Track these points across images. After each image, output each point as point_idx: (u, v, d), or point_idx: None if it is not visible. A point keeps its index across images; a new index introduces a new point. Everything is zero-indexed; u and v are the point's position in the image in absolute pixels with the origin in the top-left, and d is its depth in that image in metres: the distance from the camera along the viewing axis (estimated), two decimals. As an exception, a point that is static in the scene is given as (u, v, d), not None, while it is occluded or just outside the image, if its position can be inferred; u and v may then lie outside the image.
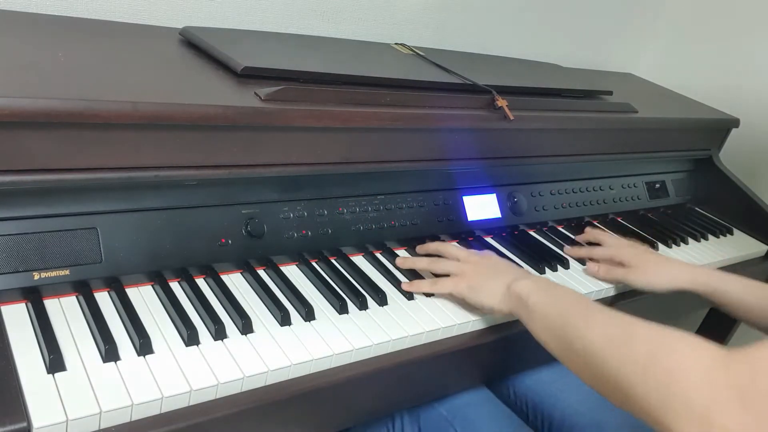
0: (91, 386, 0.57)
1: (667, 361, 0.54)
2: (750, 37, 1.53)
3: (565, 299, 0.72)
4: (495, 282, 0.80)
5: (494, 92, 0.97)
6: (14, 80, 0.65)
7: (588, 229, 1.10)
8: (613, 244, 1.04)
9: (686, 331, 0.57)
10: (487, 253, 0.90)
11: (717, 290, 0.95)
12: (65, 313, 0.65)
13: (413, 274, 0.88)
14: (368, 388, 0.74)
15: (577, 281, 0.98)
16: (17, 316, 0.62)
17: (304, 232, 0.83)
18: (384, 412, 0.87)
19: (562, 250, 1.06)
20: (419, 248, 0.93)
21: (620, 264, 0.99)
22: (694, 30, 1.66)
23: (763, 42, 1.51)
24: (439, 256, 0.90)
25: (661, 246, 1.18)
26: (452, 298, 0.84)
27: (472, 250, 0.89)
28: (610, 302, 0.99)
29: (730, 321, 1.40)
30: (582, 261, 1.05)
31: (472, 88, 0.99)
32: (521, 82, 1.13)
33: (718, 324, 1.43)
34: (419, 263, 0.88)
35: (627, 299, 1.01)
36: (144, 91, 0.70)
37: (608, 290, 1.00)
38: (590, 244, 1.07)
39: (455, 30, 1.36)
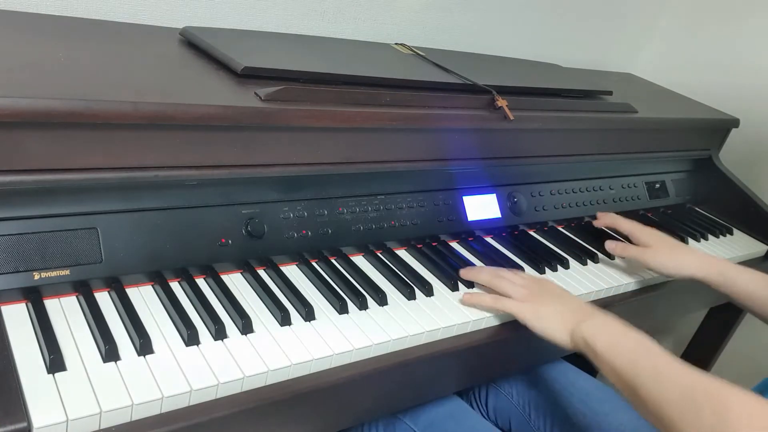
0: (92, 386, 0.57)
1: (734, 427, 0.55)
2: (750, 37, 1.53)
3: (633, 349, 0.70)
4: (561, 315, 0.79)
5: (494, 92, 0.97)
6: (14, 80, 0.65)
7: (600, 214, 1.13)
8: (634, 222, 1.07)
9: (745, 390, 0.58)
10: (544, 279, 0.89)
11: (727, 280, 0.96)
12: (65, 313, 0.65)
13: (419, 284, 0.87)
14: (368, 388, 0.74)
15: (576, 281, 0.98)
16: (17, 316, 0.62)
17: (304, 232, 0.83)
18: (384, 413, 0.87)
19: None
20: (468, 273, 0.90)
21: (638, 245, 1.03)
22: (694, 30, 1.66)
23: (763, 42, 1.51)
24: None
25: (661, 246, 1.18)
26: (453, 299, 0.84)
27: (530, 275, 0.88)
28: (614, 301, 0.99)
29: (729, 321, 1.41)
30: (594, 258, 1.06)
31: (472, 88, 0.99)
32: (521, 82, 1.13)
33: (718, 324, 1.43)
34: (483, 276, 0.87)
35: (636, 297, 1.02)
36: (144, 91, 0.70)
37: (616, 288, 1.00)
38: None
39: (455, 30, 1.36)
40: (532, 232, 1.11)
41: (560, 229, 1.15)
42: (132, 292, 0.70)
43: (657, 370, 0.65)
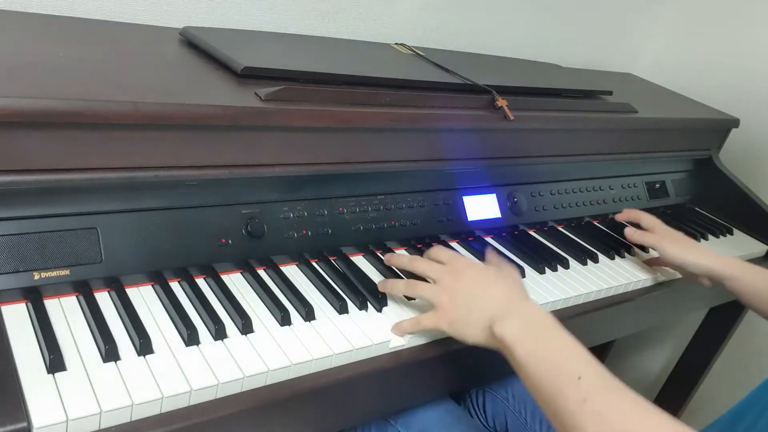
0: (92, 386, 0.57)
1: None
2: (750, 37, 1.53)
3: (556, 362, 0.62)
4: (475, 315, 0.71)
5: (494, 92, 0.97)
6: (14, 80, 0.65)
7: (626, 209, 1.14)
8: (656, 219, 1.08)
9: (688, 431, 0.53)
10: (462, 264, 0.78)
11: (739, 277, 0.97)
12: (65, 313, 0.65)
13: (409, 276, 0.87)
14: (369, 388, 0.74)
15: (576, 281, 0.98)
16: (17, 316, 0.62)
17: (304, 232, 0.83)
18: (384, 413, 0.87)
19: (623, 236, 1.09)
20: (388, 260, 0.86)
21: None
22: (694, 30, 1.66)
23: (763, 42, 1.51)
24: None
25: (661, 246, 1.18)
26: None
27: (446, 260, 0.79)
28: (615, 301, 0.99)
29: (729, 321, 1.41)
30: (594, 258, 1.06)
31: (472, 88, 0.99)
32: (521, 82, 1.13)
33: (718, 324, 1.43)
34: (400, 260, 0.83)
35: (636, 297, 1.02)
36: (144, 91, 0.70)
37: (616, 288, 1.00)
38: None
39: (455, 30, 1.36)
40: (532, 232, 1.11)
41: (560, 229, 1.15)
42: (132, 292, 0.70)
43: (586, 399, 0.56)
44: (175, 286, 0.73)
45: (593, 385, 0.58)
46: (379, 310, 0.78)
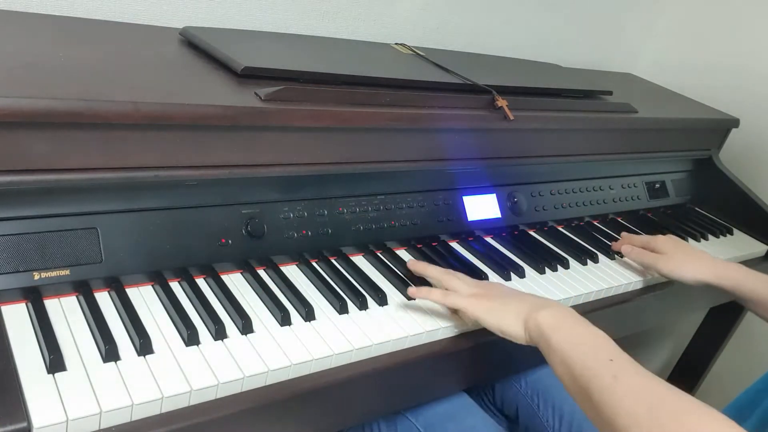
0: (92, 386, 0.57)
1: None
2: (750, 37, 1.53)
3: (591, 346, 0.67)
4: (514, 306, 0.76)
5: (494, 92, 0.97)
6: (14, 80, 0.65)
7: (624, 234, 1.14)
8: (650, 236, 1.09)
9: (716, 411, 0.55)
10: (495, 283, 0.86)
11: (740, 285, 0.97)
12: (65, 313, 0.65)
13: (420, 281, 0.86)
14: (368, 388, 0.74)
15: (576, 281, 0.98)
16: (17, 316, 0.62)
17: (304, 232, 0.83)
18: (384, 412, 0.87)
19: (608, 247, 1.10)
20: (416, 266, 0.87)
21: (653, 251, 1.04)
22: (694, 30, 1.66)
23: (763, 42, 1.51)
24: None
25: (661, 246, 1.18)
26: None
27: (473, 279, 0.84)
28: (615, 301, 0.99)
29: (729, 321, 1.41)
30: (594, 258, 1.06)
31: (472, 88, 0.99)
32: (521, 82, 1.13)
33: (718, 324, 1.43)
34: (432, 270, 0.84)
35: (636, 297, 1.02)
36: (144, 91, 0.70)
37: (617, 288, 1.00)
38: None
39: (455, 30, 1.36)
40: (532, 232, 1.11)
41: (560, 229, 1.15)
42: (132, 292, 0.70)
43: (617, 376, 0.61)
44: (175, 286, 0.73)
45: (624, 366, 0.63)
46: (380, 307, 0.78)
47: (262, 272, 0.79)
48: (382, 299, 0.80)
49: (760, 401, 0.74)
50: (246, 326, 0.69)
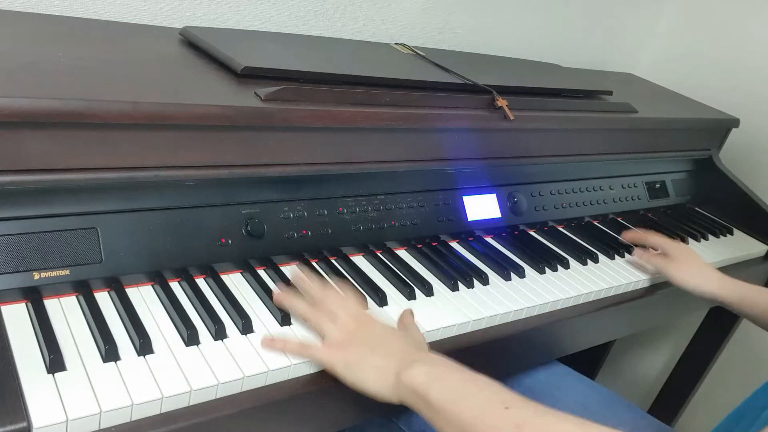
0: (91, 386, 0.57)
1: None
2: (750, 37, 1.53)
3: (480, 396, 0.59)
4: (377, 361, 0.65)
5: (494, 92, 0.97)
6: (14, 80, 0.65)
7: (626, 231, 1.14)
8: (664, 237, 1.10)
9: None
10: (369, 315, 0.71)
11: (745, 299, 0.98)
12: (65, 313, 0.65)
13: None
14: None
15: (576, 281, 0.98)
16: (17, 316, 0.62)
17: (304, 232, 0.83)
18: (384, 412, 0.87)
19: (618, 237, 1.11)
20: (294, 277, 0.76)
21: (664, 255, 1.05)
22: (695, 30, 1.66)
23: (764, 42, 1.51)
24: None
25: (661, 246, 1.18)
26: (453, 299, 0.85)
27: (350, 309, 0.70)
28: (615, 301, 0.99)
29: (729, 321, 1.41)
30: (594, 258, 1.06)
31: (472, 88, 0.99)
32: (521, 82, 1.13)
33: (718, 324, 1.43)
34: (296, 307, 0.71)
35: (637, 297, 1.02)
36: (144, 91, 0.70)
37: (617, 288, 1.00)
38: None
39: (455, 30, 1.36)
40: (532, 232, 1.11)
41: (560, 229, 1.15)
42: (132, 292, 0.70)
43: (521, 424, 0.54)
44: (175, 286, 0.73)
45: (523, 411, 0.56)
46: (380, 308, 0.78)
47: (262, 272, 0.79)
48: (382, 299, 0.80)
49: (761, 411, 0.74)
50: (246, 326, 0.69)
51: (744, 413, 0.77)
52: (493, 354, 0.86)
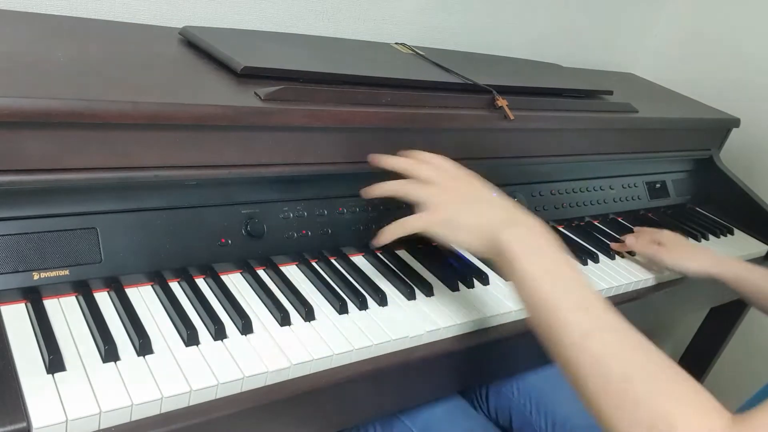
0: (91, 386, 0.57)
1: (670, 421, 0.46)
2: (750, 37, 1.53)
3: (566, 282, 0.58)
4: (474, 216, 0.65)
5: (494, 92, 0.97)
6: (14, 80, 0.65)
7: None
8: (651, 229, 1.10)
9: (696, 386, 0.50)
10: (468, 172, 0.72)
11: (740, 277, 0.99)
12: (65, 313, 0.65)
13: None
14: (368, 388, 0.74)
15: (577, 281, 0.98)
16: (17, 316, 0.62)
17: (304, 232, 0.83)
18: (384, 413, 0.86)
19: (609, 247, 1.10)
20: (379, 161, 0.76)
21: (658, 244, 1.05)
22: (695, 30, 1.66)
23: (764, 42, 1.51)
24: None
25: (661, 246, 1.18)
26: (453, 300, 0.84)
27: (450, 164, 0.72)
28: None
29: (729, 321, 1.41)
30: (594, 258, 1.06)
31: (473, 88, 0.99)
32: (521, 82, 1.13)
33: (718, 324, 1.43)
34: (385, 186, 0.73)
35: (637, 297, 1.02)
36: (144, 91, 0.70)
37: (617, 288, 0.99)
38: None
39: (455, 30, 1.36)
40: (532, 232, 1.11)
41: (560, 229, 1.15)
42: (131, 292, 0.70)
43: (589, 313, 0.53)
44: (174, 286, 0.73)
45: (597, 320, 0.54)
46: (382, 307, 0.78)
47: (261, 272, 0.79)
48: (382, 299, 0.80)
49: None
50: (246, 326, 0.69)
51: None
52: (494, 354, 0.86)
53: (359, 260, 0.88)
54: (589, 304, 0.55)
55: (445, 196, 0.68)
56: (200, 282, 0.74)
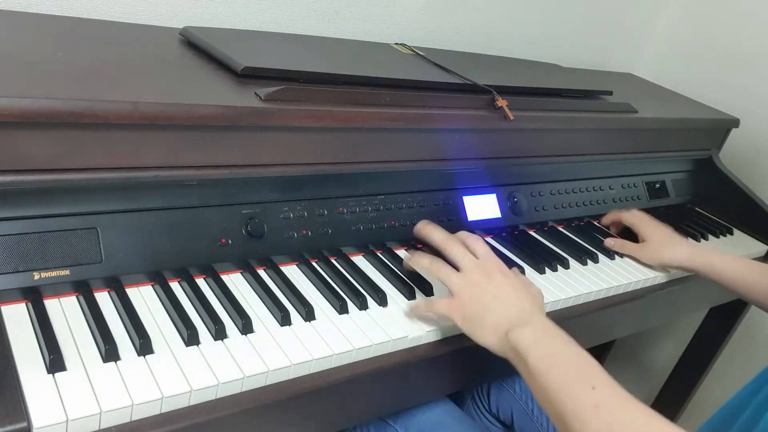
0: (91, 386, 0.57)
1: None
2: (751, 37, 1.53)
3: (570, 368, 0.63)
4: (493, 318, 0.71)
5: (494, 92, 0.97)
6: (14, 80, 0.65)
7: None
8: (637, 214, 1.13)
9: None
10: (495, 266, 0.77)
11: (714, 267, 1.00)
12: (65, 313, 0.65)
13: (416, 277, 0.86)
14: (369, 388, 0.74)
15: (576, 281, 0.98)
16: (17, 316, 0.62)
17: (304, 232, 0.83)
18: (384, 413, 0.87)
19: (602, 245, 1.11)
20: (422, 229, 0.84)
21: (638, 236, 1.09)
22: (695, 30, 1.66)
23: (764, 42, 1.51)
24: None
25: (661, 246, 1.18)
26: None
27: (481, 255, 0.78)
28: (615, 302, 0.99)
29: (729, 321, 1.41)
30: (594, 258, 1.06)
31: (472, 88, 0.99)
32: (521, 82, 1.13)
33: (718, 324, 1.43)
34: (421, 261, 0.80)
35: (636, 297, 1.03)
36: (144, 91, 0.70)
37: (616, 288, 1.00)
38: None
39: (455, 30, 1.36)
40: (532, 232, 1.11)
41: (560, 229, 1.15)
42: (132, 292, 0.70)
43: (598, 405, 0.57)
44: (175, 286, 0.73)
45: (605, 393, 0.59)
46: (382, 307, 0.78)
47: (262, 272, 0.79)
48: (382, 299, 0.80)
49: (735, 419, 0.74)
50: (246, 326, 0.69)
51: (716, 425, 0.76)
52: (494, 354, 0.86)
53: (359, 260, 0.88)
54: (596, 382, 0.60)
55: (469, 291, 0.73)
56: (200, 282, 0.74)
